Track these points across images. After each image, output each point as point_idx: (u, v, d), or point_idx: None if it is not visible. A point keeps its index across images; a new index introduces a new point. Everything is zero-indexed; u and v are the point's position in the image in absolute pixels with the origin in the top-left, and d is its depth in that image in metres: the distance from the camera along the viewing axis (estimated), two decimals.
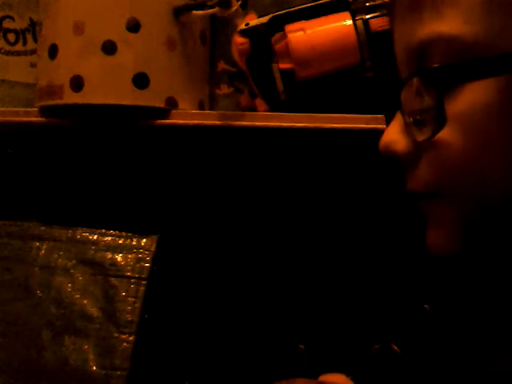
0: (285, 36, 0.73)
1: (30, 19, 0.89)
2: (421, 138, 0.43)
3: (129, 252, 0.80)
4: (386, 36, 0.70)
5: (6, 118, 0.81)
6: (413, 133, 0.44)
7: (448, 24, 0.41)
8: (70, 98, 0.76)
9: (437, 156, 0.43)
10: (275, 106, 0.76)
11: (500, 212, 0.42)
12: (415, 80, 0.43)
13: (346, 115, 0.74)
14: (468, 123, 0.41)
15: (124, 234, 0.81)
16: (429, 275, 0.86)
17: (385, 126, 0.47)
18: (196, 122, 0.78)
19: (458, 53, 0.41)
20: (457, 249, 0.45)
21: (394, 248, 0.87)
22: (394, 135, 0.45)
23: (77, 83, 0.76)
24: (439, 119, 0.41)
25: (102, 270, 0.80)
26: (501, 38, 0.39)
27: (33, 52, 0.88)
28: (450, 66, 0.41)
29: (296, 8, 0.75)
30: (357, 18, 0.73)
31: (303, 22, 0.74)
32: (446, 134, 0.42)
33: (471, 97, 0.40)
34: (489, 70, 0.40)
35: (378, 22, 0.72)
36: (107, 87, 0.75)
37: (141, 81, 0.76)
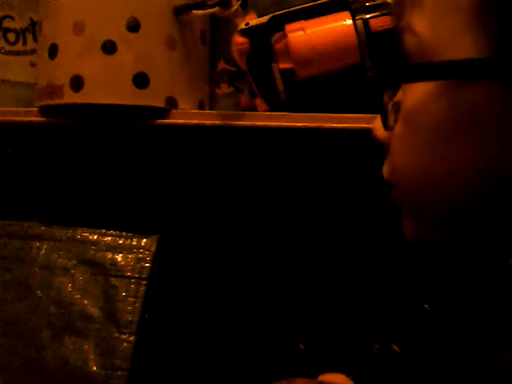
0: (285, 36, 0.73)
1: (30, 19, 0.89)
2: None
3: (129, 252, 0.80)
4: (386, 36, 0.71)
5: (5, 118, 0.81)
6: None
7: (416, 18, 0.43)
8: (70, 97, 0.76)
9: (392, 147, 0.46)
10: (275, 105, 0.76)
11: (451, 210, 0.44)
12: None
13: (347, 115, 0.74)
14: (410, 122, 0.44)
15: (124, 234, 0.81)
16: (429, 275, 0.86)
17: None
18: (196, 121, 0.78)
19: (414, 50, 0.43)
20: (423, 238, 0.47)
21: (393, 248, 0.87)
22: (378, 123, 0.49)
23: (77, 83, 0.76)
24: (382, 111, 0.46)
25: (102, 270, 0.80)
26: (442, 45, 0.41)
27: (33, 52, 0.88)
28: (396, 66, 0.44)
29: (296, 8, 0.75)
30: (357, 18, 0.72)
31: (303, 21, 0.74)
32: (397, 128, 0.45)
33: (415, 97, 0.43)
34: (425, 75, 0.42)
35: (378, 22, 0.72)
36: (107, 87, 0.75)
37: (141, 80, 0.76)
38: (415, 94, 0.43)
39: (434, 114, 0.42)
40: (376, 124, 0.49)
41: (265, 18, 0.74)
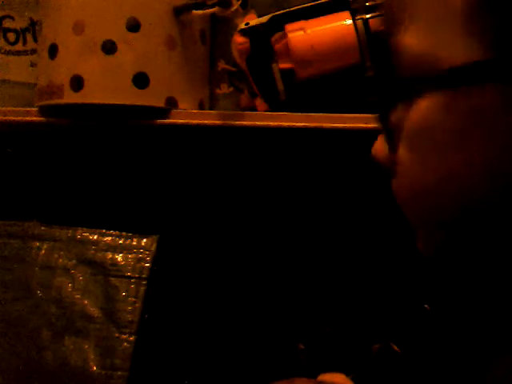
0: (285, 36, 0.73)
1: (30, 19, 0.89)
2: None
3: (129, 252, 0.80)
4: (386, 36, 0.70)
5: (5, 118, 0.81)
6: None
7: (410, 33, 0.42)
8: (70, 97, 0.76)
9: (397, 169, 0.44)
10: (275, 105, 0.76)
11: (454, 228, 0.43)
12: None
13: (346, 115, 0.74)
14: (411, 141, 0.42)
15: (124, 233, 0.82)
16: (429, 275, 0.86)
17: None
18: (196, 121, 0.78)
19: (412, 65, 0.41)
20: (431, 253, 0.46)
21: (393, 248, 0.87)
22: (379, 145, 0.47)
23: (77, 83, 0.76)
24: (389, 133, 0.44)
25: (103, 270, 0.80)
26: (441, 54, 0.40)
27: (33, 52, 0.88)
28: (398, 83, 0.42)
29: (296, 7, 0.75)
30: (357, 18, 0.72)
31: (303, 21, 0.74)
32: (401, 148, 0.43)
33: (415, 113, 0.41)
34: (430, 86, 0.40)
35: (378, 22, 0.72)
36: (107, 87, 0.75)
37: (141, 80, 0.76)
38: (419, 109, 0.41)
39: (439, 125, 0.40)
40: (377, 146, 0.47)
41: (265, 18, 0.74)
